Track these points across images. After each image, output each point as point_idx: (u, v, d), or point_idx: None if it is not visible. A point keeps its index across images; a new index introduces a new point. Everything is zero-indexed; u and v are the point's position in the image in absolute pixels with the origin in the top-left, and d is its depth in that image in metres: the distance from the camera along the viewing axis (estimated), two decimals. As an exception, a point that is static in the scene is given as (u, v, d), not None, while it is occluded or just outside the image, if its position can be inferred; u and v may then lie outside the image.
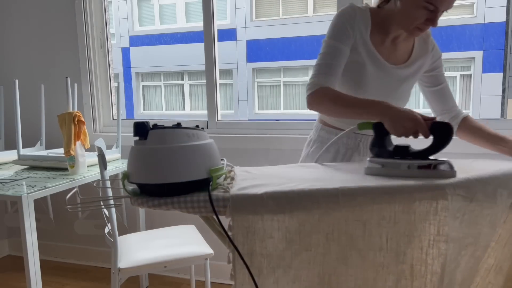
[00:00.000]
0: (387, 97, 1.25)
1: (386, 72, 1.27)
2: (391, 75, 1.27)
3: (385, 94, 1.27)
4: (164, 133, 0.90)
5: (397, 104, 1.26)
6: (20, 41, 2.60)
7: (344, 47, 1.21)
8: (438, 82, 1.36)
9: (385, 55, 1.27)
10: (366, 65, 1.24)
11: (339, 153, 1.34)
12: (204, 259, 1.71)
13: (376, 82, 1.26)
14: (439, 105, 1.38)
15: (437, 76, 1.36)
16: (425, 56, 1.32)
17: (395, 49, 1.29)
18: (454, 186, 0.88)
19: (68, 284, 2.39)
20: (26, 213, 1.53)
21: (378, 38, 1.26)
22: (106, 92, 2.56)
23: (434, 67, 1.35)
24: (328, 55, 1.21)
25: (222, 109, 3.86)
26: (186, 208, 0.89)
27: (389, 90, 1.28)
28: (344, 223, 0.88)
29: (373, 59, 1.25)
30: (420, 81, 1.39)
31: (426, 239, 0.88)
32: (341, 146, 1.34)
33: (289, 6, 9.46)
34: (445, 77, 1.38)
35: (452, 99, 1.38)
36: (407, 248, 0.89)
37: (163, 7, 10.60)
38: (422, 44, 1.33)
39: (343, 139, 1.34)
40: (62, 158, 1.96)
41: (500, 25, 7.92)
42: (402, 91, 1.31)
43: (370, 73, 1.25)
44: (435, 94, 1.37)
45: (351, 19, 1.22)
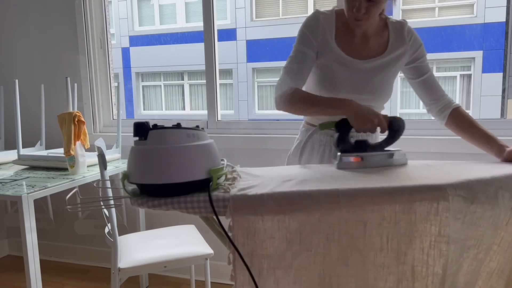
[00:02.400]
0: (361, 91, 1.29)
1: (356, 69, 1.29)
2: (362, 70, 1.29)
3: (359, 90, 1.29)
4: (164, 133, 0.90)
5: (373, 98, 1.31)
6: (20, 41, 2.60)
7: (309, 51, 1.28)
8: (422, 73, 1.35)
9: (356, 51, 1.29)
10: (334, 67, 1.29)
11: (314, 149, 1.39)
12: (204, 259, 1.71)
13: (348, 80, 1.29)
14: (426, 95, 1.37)
15: (421, 66, 1.35)
16: (402, 47, 1.32)
17: (367, 44, 1.31)
18: (455, 187, 0.87)
19: (68, 284, 2.39)
20: (26, 213, 1.53)
21: (346, 37, 1.30)
22: (106, 92, 2.55)
23: (416, 57, 1.35)
24: (295, 59, 1.29)
25: (222, 109, 3.86)
26: (186, 208, 0.88)
27: (362, 84, 1.29)
28: (344, 223, 0.88)
29: (339, 59, 1.29)
30: (405, 74, 1.40)
31: (427, 240, 0.88)
32: (316, 143, 1.38)
33: (289, 6, 9.46)
34: (430, 67, 1.37)
35: (439, 88, 1.37)
36: (408, 248, 0.89)
37: (163, 7, 10.60)
38: (398, 36, 1.33)
39: (316, 136, 1.37)
40: (62, 158, 1.96)
41: (500, 25, 7.92)
42: (377, 82, 1.30)
43: (340, 73, 1.29)
44: (421, 85, 1.37)
45: (313, 26, 1.29)
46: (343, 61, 1.29)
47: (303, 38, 1.29)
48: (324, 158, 1.37)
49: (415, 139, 1.91)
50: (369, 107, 1.13)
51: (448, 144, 1.86)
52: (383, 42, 1.33)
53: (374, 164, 1.12)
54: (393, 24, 1.34)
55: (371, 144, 1.16)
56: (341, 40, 1.30)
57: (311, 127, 1.40)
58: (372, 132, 1.13)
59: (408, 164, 1.18)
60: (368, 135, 1.35)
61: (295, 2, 9.42)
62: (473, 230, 0.91)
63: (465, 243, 0.91)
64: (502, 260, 0.99)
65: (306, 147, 1.40)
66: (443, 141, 1.87)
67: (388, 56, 1.31)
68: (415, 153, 1.89)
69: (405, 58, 1.34)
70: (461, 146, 1.84)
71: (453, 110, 1.34)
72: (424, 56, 1.36)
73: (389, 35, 1.33)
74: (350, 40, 1.30)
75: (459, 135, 1.35)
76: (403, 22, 1.35)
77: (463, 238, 0.90)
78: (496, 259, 0.99)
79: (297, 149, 1.45)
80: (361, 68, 1.29)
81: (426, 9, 8.42)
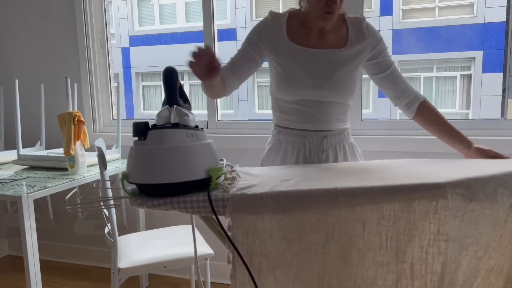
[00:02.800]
0: (323, 87, 1.28)
1: (315, 59, 1.29)
2: (322, 60, 1.29)
3: (321, 82, 1.28)
4: (163, 133, 0.90)
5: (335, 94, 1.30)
6: (20, 41, 2.60)
7: (252, 51, 1.35)
8: (385, 67, 1.34)
9: (313, 45, 1.31)
10: (291, 63, 1.30)
11: (288, 152, 1.37)
12: (204, 259, 1.71)
13: (308, 76, 1.28)
14: (391, 90, 1.36)
15: (382, 61, 1.34)
16: (362, 43, 1.32)
17: (324, 39, 1.32)
18: (454, 185, 0.88)
19: (68, 284, 2.39)
20: (26, 213, 1.53)
21: (301, 34, 1.32)
22: (106, 92, 2.56)
23: (376, 53, 1.34)
24: (237, 54, 1.38)
25: (222, 109, 3.86)
26: (186, 208, 0.89)
27: (323, 77, 1.29)
28: (343, 222, 0.88)
29: (294, 52, 1.30)
30: (367, 71, 1.39)
31: (426, 238, 0.88)
32: (289, 145, 1.36)
33: (289, 6, 9.45)
34: (392, 61, 1.36)
35: (404, 81, 1.35)
36: (407, 247, 0.89)
37: (163, 7, 10.60)
38: (356, 31, 1.33)
39: (290, 138, 1.36)
40: (62, 158, 1.96)
41: (500, 25, 7.92)
42: (339, 76, 1.29)
43: (298, 68, 1.29)
44: (385, 80, 1.35)
45: (260, 28, 1.35)
46: (299, 52, 1.29)
47: (249, 39, 1.37)
48: (299, 159, 1.35)
49: (415, 139, 1.91)
50: None
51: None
52: (342, 37, 1.32)
53: None
54: (351, 20, 1.34)
55: None
56: (295, 36, 1.32)
57: (281, 129, 1.39)
58: None
59: (407, 161, 1.18)
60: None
61: (295, 2, 9.41)
62: (472, 228, 0.91)
63: (464, 241, 0.91)
64: (501, 257, 1.00)
65: (280, 150, 1.38)
66: (443, 141, 1.87)
67: (349, 50, 1.30)
68: (415, 153, 1.89)
69: (365, 54, 1.33)
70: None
71: (421, 103, 1.33)
72: (385, 50, 1.35)
73: (348, 30, 1.33)
74: (305, 37, 1.31)
75: (426, 129, 1.36)
76: (361, 18, 1.35)
77: (462, 236, 0.90)
78: (495, 256, 0.99)
79: (270, 152, 1.42)
80: (320, 59, 1.29)
81: (426, 9, 8.42)
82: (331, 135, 1.34)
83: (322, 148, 1.33)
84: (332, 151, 1.35)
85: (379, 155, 1.94)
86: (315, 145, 1.33)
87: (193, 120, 0.97)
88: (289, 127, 1.36)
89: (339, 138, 1.36)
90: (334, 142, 1.35)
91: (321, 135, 1.33)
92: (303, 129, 1.33)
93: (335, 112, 1.33)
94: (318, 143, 1.33)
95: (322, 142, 1.33)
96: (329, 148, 1.34)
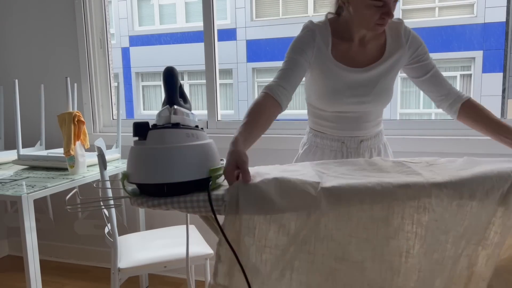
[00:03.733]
0: (366, 97, 1.28)
1: (357, 77, 1.27)
2: (362, 78, 1.28)
3: (362, 97, 1.28)
4: (164, 133, 0.90)
5: (378, 103, 1.30)
6: (20, 41, 2.60)
7: (301, 58, 1.25)
8: (427, 70, 1.31)
9: (354, 60, 1.28)
10: (332, 78, 1.27)
11: (325, 154, 1.37)
12: (204, 259, 1.71)
13: (348, 90, 1.27)
14: (434, 92, 1.33)
15: (424, 65, 1.32)
16: (400, 50, 1.30)
17: (365, 50, 1.29)
18: (440, 185, 0.88)
19: (68, 284, 2.39)
20: (26, 213, 1.53)
21: (343, 47, 1.28)
22: (106, 92, 2.56)
23: (417, 57, 1.31)
24: (285, 64, 1.26)
25: (222, 109, 3.86)
26: (186, 208, 0.89)
27: (365, 91, 1.28)
28: (346, 221, 0.88)
29: (338, 71, 1.27)
30: (407, 74, 1.37)
31: (407, 243, 0.89)
32: (326, 148, 1.37)
33: (289, 6, 9.45)
34: (433, 63, 1.33)
35: (446, 83, 1.32)
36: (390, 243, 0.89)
37: (163, 7, 10.59)
38: (394, 38, 1.30)
39: (327, 142, 1.36)
40: (62, 158, 1.96)
41: (500, 25, 7.92)
42: (378, 89, 1.29)
43: (339, 83, 1.27)
44: (426, 83, 1.33)
45: (310, 39, 1.27)
46: (342, 71, 1.27)
47: (297, 48, 1.27)
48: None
49: (415, 139, 1.91)
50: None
51: (448, 144, 1.86)
52: (380, 45, 1.30)
53: None
54: (389, 26, 1.30)
55: None
56: (337, 50, 1.28)
57: (318, 132, 1.39)
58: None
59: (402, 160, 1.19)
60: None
61: (295, 2, 9.41)
62: (460, 226, 0.91)
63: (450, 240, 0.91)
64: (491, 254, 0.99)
65: (316, 153, 1.39)
66: (443, 141, 1.87)
67: (386, 61, 1.29)
68: (415, 153, 1.89)
69: (403, 60, 1.31)
70: (461, 146, 1.85)
71: (464, 103, 1.29)
72: (426, 54, 1.32)
73: (385, 37, 1.30)
74: (347, 49, 1.28)
75: (473, 128, 1.31)
76: (398, 23, 1.31)
77: (452, 235, 0.91)
78: (485, 255, 0.98)
79: (305, 154, 1.42)
80: (361, 77, 1.28)
81: (426, 9, 8.42)
82: (368, 139, 1.36)
83: (359, 152, 1.35)
84: (368, 153, 1.37)
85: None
86: (352, 149, 1.35)
87: (193, 120, 0.97)
88: (326, 133, 1.36)
89: (374, 140, 1.38)
90: (370, 145, 1.37)
91: (358, 140, 1.34)
92: (341, 135, 1.34)
93: (373, 117, 1.34)
94: (355, 147, 1.35)
95: (359, 146, 1.35)
96: (365, 151, 1.36)
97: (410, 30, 1.32)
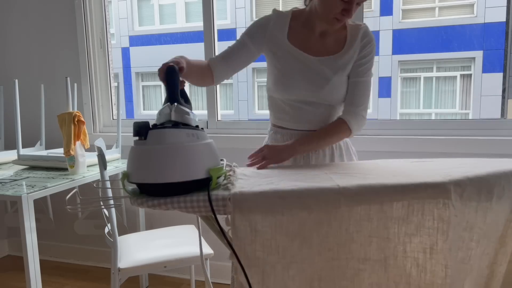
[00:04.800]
0: (319, 88, 1.29)
1: (313, 65, 1.29)
2: (319, 67, 1.29)
3: (315, 87, 1.29)
4: (164, 133, 0.90)
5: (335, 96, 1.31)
6: (20, 41, 2.60)
7: (250, 43, 1.34)
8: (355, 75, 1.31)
9: (313, 49, 1.30)
10: (288, 64, 1.31)
11: None
12: (204, 259, 1.71)
13: (304, 78, 1.29)
14: (346, 98, 1.33)
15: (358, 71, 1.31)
16: (354, 46, 1.32)
17: (324, 42, 1.32)
18: (459, 182, 0.88)
19: (68, 284, 2.39)
20: (26, 213, 1.53)
21: (302, 36, 1.32)
22: (106, 92, 2.56)
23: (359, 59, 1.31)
24: (234, 44, 1.36)
25: (222, 109, 3.86)
26: (186, 208, 0.89)
27: (320, 82, 1.29)
28: (347, 220, 0.88)
29: (293, 55, 1.30)
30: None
31: (429, 236, 0.88)
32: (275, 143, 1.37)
33: (289, 6, 9.45)
34: (367, 77, 1.33)
35: (356, 99, 1.31)
36: (406, 245, 0.89)
37: (163, 7, 10.59)
38: (354, 36, 1.32)
39: (287, 138, 1.37)
40: (62, 158, 1.96)
41: (500, 25, 7.92)
42: (334, 82, 1.29)
43: (295, 70, 1.30)
44: (348, 86, 1.33)
45: (264, 23, 1.35)
46: (297, 56, 1.30)
47: (251, 30, 1.36)
48: (296, 158, 1.35)
49: (415, 139, 1.91)
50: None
51: (448, 144, 1.86)
52: (340, 40, 1.33)
53: None
54: (351, 26, 1.34)
55: None
56: (294, 38, 1.32)
57: (278, 129, 1.41)
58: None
59: (410, 160, 1.19)
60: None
61: (295, 2, 9.42)
62: (483, 223, 0.92)
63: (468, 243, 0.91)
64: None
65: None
66: (443, 141, 1.87)
67: (344, 56, 1.31)
68: (415, 153, 1.89)
69: (355, 56, 1.32)
70: (461, 146, 1.85)
71: (339, 118, 1.32)
72: (367, 63, 1.32)
73: (346, 34, 1.33)
74: (305, 39, 1.32)
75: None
76: (362, 25, 1.34)
77: (475, 232, 0.91)
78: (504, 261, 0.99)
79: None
80: (317, 66, 1.29)
81: (426, 9, 8.42)
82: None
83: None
84: (328, 149, 1.37)
85: (379, 155, 1.94)
86: None
87: (194, 119, 0.97)
88: (285, 127, 1.38)
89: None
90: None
91: None
92: (299, 129, 1.35)
93: (330, 113, 1.35)
94: None
95: None
96: (326, 148, 1.36)
97: (370, 34, 1.33)
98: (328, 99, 1.31)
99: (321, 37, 1.32)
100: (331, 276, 0.90)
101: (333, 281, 0.90)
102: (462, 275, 0.92)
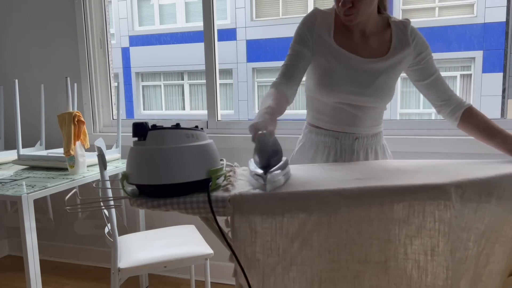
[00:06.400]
0: (363, 92, 1.27)
1: (358, 66, 1.27)
2: (363, 69, 1.27)
3: (361, 88, 1.27)
4: (163, 133, 0.90)
5: (375, 100, 1.29)
6: (20, 41, 2.60)
7: (304, 49, 1.29)
8: (428, 74, 1.31)
9: (357, 50, 1.28)
10: (333, 65, 1.27)
11: (318, 151, 1.36)
12: (204, 259, 1.71)
13: (348, 79, 1.27)
14: (435, 97, 1.33)
15: (426, 68, 1.31)
16: (406, 49, 1.29)
17: (367, 43, 1.29)
18: (460, 184, 0.88)
19: (68, 284, 2.39)
20: (26, 213, 1.53)
21: (345, 36, 1.29)
22: (106, 92, 2.55)
23: (420, 59, 1.31)
24: (290, 57, 1.30)
25: (222, 109, 3.86)
26: (185, 209, 0.88)
27: (364, 84, 1.27)
28: (347, 222, 0.88)
29: (339, 56, 1.27)
30: (409, 77, 1.37)
31: (430, 239, 0.88)
32: (320, 145, 1.36)
33: (289, 6, 9.45)
34: (436, 67, 1.32)
35: (448, 89, 1.32)
36: (408, 247, 0.89)
37: (163, 7, 10.59)
38: (400, 37, 1.30)
39: (321, 138, 1.35)
40: (62, 158, 1.96)
41: (500, 25, 7.91)
42: (379, 84, 1.28)
43: (340, 70, 1.27)
44: (428, 87, 1.33)
45: (309, 25, 1.30)
46: (343, 57, 1.27)
47: (299, 36, 1.30)
48: (329, 159, 1.35)
49: (415, 139, 1.91)
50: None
51: (448, 144, 1.86)
52: (385, 42, 1.30)
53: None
54: (395, 24, 1.30)
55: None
56: (339, 38, 1.29)
57: (313, 128, 1.39)
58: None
59: (410, 162, 1.19)
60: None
61: (295, 2, 9.41)
62: (481, 224, 0.92)
63: (467, 243, 0.91)
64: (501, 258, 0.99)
65: (310, 149, 1.38)
66: (443, 141, 1.87)
67: (391, 59, 1.28)
68: (415, 153, 1.89)
69: (408, 60, 1.31)
70: (461, 146, 1.85)
71: (466, 110, 1.28)
72: (430, 58, 1.31)
73: (391, 35, 1.30)
74: (349, 38, 1.29)
75: (473, 136, 1.30)
76: (405, 22, 1.31)
77: (472, 233, 0.91)
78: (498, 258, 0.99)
79: (300, 151, 1.42)
80: (362, 67, 1.27)
81: (426, 9, 8.42)
82: (363, 137, 1.34)
83: (353, 149, 1.33)
84: (363, 152, 1.35)
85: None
86: (346, 146, 1.33)
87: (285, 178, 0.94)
88: (322, 127, 1.35)
89: (371, 140, 1.36)
90: (365, 144, 1.35)
91: (353, 137, 1.33)
92: (336, 130, 1.33)
93: (370, 116, 1.33)
94: (350, 144, 1.33)
95: (354, 143, 1.33)
96: (360, 150, 1.34)
97: (417, 31, 1.32)
98: (373, 100, 1.29)
99: (363, 39, 1.30)
100: (331, 278, 0.90)
101: (333, 283, 0.90)
102: (458, 275, 0.92)
